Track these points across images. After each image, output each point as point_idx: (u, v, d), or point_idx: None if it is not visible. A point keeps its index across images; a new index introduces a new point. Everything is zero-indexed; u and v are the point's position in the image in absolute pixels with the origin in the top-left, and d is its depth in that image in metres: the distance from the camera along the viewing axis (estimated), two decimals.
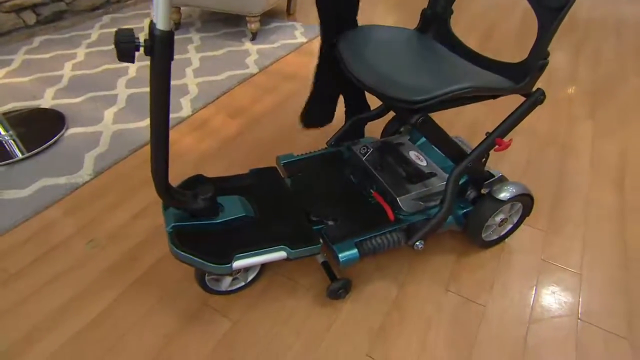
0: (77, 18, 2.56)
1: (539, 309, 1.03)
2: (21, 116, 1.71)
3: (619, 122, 1.74)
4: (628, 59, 2.28)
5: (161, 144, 0.80)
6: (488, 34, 2.49)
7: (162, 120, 0.78)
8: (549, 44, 0.86)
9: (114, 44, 0.68)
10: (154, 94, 0.76)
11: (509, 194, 1.04)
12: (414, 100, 0.80)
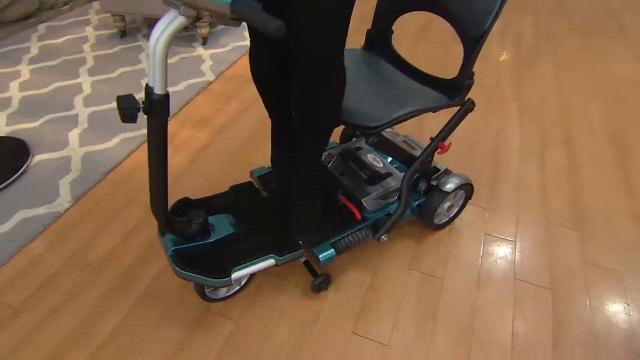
0: (8, 30, 2.47)
1: (484, 275, 1.28)
2: None
3: (533, 105, 2.03)
4: (543, 43, 2.58)
5: (161, 185, 0.93)
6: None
7: (162, 165, 0.91)
8: (473, 66, 1.06)
9: (118, 108, 0.79)
10: (153, 146, 0.88)
11: (453, 185, 1.26)
12: (370, 127, 0.99)
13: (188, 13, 0.73)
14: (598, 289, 1.24)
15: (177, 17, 0.74)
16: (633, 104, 2.04)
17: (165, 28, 0.75)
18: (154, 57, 0.77)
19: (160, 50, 0.76)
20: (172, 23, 0.74)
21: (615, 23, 2.85)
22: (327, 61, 0.92)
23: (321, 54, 0.91)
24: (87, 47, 2.42)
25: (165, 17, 0.75)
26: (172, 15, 0.75)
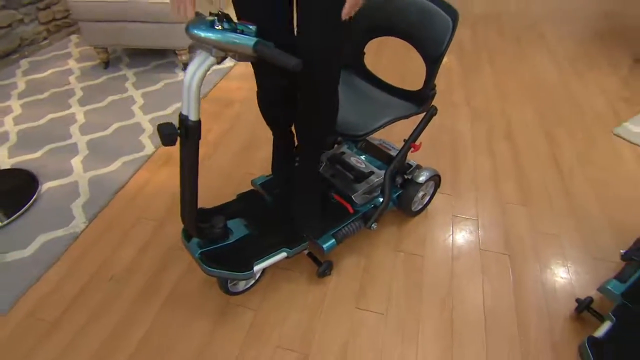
0: None
1: (456, 249, 1.47)
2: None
3: (481, 106, 2.28)
4: (481, 53, 2.87)
5: (193, 197, 1.04)
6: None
7: (194, 180, 1.02)
8: (434, 80, 1.25)
9: (160, 135, 0.90)
10: (186, 164, 0.99)
11: (425, 177, 1.45)
12: (358, 135, 1.15)
13: (218, 54, 0.86)
14: (544, 250, 1.46)
15: (208, 57, 0.87)
16: (556, 102, 2.33)
17: (198, 67, 0.88)
18: (189, 91, 0.89)
19: (195, 86, 0.88)
20: (205, 63, 0.87)
21: (538, 34, 3.19)
22: (328, 91, 1.10)
23: (323, 87, 1.08)
24: (73, 79, 2.45)
25: (198, 58, 0.88)
26: (204, 56, 0.88)
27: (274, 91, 1.23)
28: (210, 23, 0.83)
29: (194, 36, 0.84)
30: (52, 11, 2.78)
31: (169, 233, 1.54)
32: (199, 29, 0.83)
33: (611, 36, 3.08)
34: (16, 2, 2.51)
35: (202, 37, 0.83)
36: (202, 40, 0.84)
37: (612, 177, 1.78)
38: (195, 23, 0.84)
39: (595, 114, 2.20)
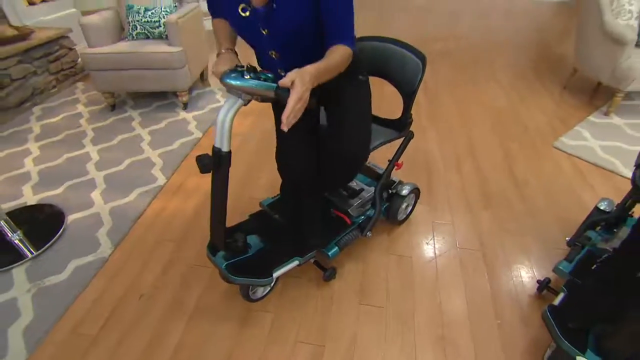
0: (8, 115, 2.51)
1: (438, 249, 1.63)
2: (18, 216, 1.76)
3: (446, 129, 2.52)
4: (441, 84, 3.15)
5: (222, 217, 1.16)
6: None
7: (224, 203, 1.14)
8: (410, 110, 1.44)
9: (198, 164, 1.03)
10: (218, 189, 1.12)
11: (407, 190, 1.62)
12: None
13: (246, 98, 1.02)
14: (509, 245, 1.65)
15: (238, 100, 1.02)
16: (507, 122, 2.59)
17: (230, 108, 1.03)
18: (222, 127, 1.03)
19: (227, 124, 1.03)
20: (235, 105, 1.02)
21: (486, 66, 3.53)
22: (355, 173, 1.31)
23: (352, 173, 1.30)
24: (83, 122, 2.53)
25: (229, 101, 1.03)
26: (234, 99, 1.03)
27: (294, 153, 1.28)
28: (240, 73, 0.99)
29: (228, 85, 0.99)
30: (60, 62, 2.88)
31: (187, 253, 1.63)
32: (232, 78, 0.99)
33: (543, 67, 3.45)
34: (30, 56, 2.60)
35: (234, 85, 0.99)
36: (234, 87, 0.99)
37: (555, 182, 2.01)
38: (228, 74, 0.99)
39: (537, 131, 2.47)
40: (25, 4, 2.89)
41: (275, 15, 1.00)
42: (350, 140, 1.21)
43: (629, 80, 2.42)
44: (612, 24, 2.43)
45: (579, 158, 2.21)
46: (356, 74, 1.22)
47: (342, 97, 1.22)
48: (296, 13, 0.99)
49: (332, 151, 1.22)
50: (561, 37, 4.22)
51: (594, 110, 2.69)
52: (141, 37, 2.55)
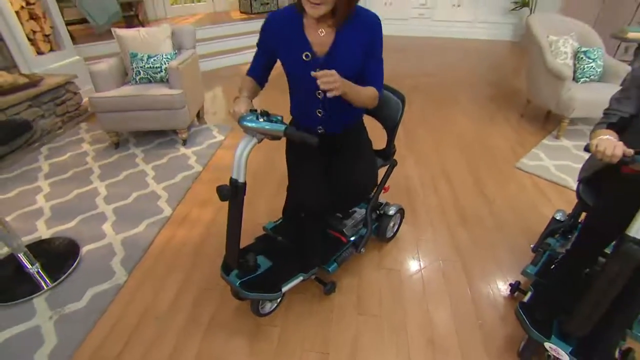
0: (16, 155, 2.55)
1: (423, 260, 1.77)
2: (35, 249, 1.78)
3: (423, 156, 2.73)
4: (416, 116, 3.40)
5: (237, 240, 1.27)
6: None
7: (239, 227, 1.26)
8: (393, 142, 1.61)
9: (219, 194, 1.15)
10: (233, 216, 1.23)
11: (394, 211, 1.77)
12: None
13: (260, 137, 1.16)
14: (483, 255, 1.80)
15: (253, 139, 1.16)
16: (475, 148, 2.82)
17: (246, 146, 1.16)
18: (239, 162, 1.16)
19: (244, 159, 1.16)
20: (250, 142, 1.16)
21: (454, 99, 3.82)
22: (368, 187, 1.46)
23: (367, 185, 1.44)
24: (89, 159, 2.60)
25: (245, 139, 1.17)
26: (249, 138, 1.17)
27: (311, 189, 1.37)
28: (255, 116, 1.13)
29: (245, 126, 1.13)
30: (66, 105, 2.96)
31: (197, 277, 1.70)
32: (248, 121, 1.13)
33: (501, 99, 3.76)
34: (40, 101, 2.68)
35: (250, 126, 1.13)
36: (250, 128, 1.13)
37: (519, 199, 2.21)
38: (244, 117, 1.14)
39: (501, 155, 2.70)
40: (34, 54, 2.99)
41: (332, 62, 1.19)
42: (363, 174, 1.40)
43: (570, 109, 2.71)
44: (553, 63, 2.75)
45: (538, 176, 2.43)
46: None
47: (356, 139, 1.44)
48: (348, 63, 1.20)
49: (347, 183, 1.37)
50: (515, 72, 4.61)
51: (547, 135, 2.97)
52: (144, 81, 2.68)
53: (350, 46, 1.20)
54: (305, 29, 1.20)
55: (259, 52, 1.32)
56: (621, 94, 1.27)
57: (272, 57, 1.31)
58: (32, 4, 3.04)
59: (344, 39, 1.19)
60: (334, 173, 1.39)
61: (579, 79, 2.91)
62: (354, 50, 1.20)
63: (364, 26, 1.20)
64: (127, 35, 2.69)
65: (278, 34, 1.23)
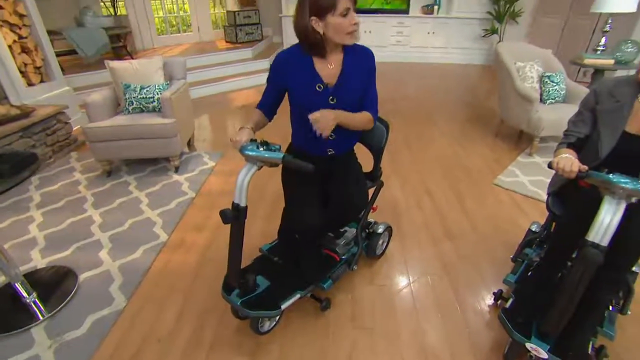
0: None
1: (411, 276, 1.87)
2: (32, 278, 1.80)
3: (406, 176, 2.88)
4: (398, 138, 3.59)
5: (238, 260, 1.35)
6: None
7: (239, 249, 1.34)
8: (379, 165, 1.75)
9: (222, 217, 1.24)
10: (235, 237, 1.32)
11: (382, 229, 1.89)
12: None
13: (260, 165, 1.27)
14: (467, 266, 1.92)
15: (253, 166, 1.27)
16: (454, 167, 3.00)
17: (247, 173, 1.27)
18: (241, 187, 1.27)
19: (245, 185, 1.27)
20: (251, 170, 1.27)
21: (432, 121, 4.04)
22: (361, 206, 1.59)
23: (359, 205, 1.57)
24: (82, 188, 2.63)
25: (246, 167, 1.28)
26: (250, 165, 1.27)
27: (309, 212, 1.47)
28: (255, 145, 1.25)
29: (246, 155, 1.24)
30: (56, 135, 3.01)
31: (197, 299, 1.75)
32: (249, 150, 1.24)
33: (477, 120, 4.01)
34: (31, 131, 2.73)
35: (251, 155, 1.24)
36: (251, 157, 1.25)
37: (498, 213, 2.37)
38: (246, 147, 1.25)
39: (479, 172, 2.88)
40: (25, 86, 3.05)
41: (341, 91, 1.40)
42: (356, 194, 1.53)
43: (540, 128, 2.94)
44: (521, 87, 3.00)
45: (514, 191, 2.61)
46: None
47: (348, 163, 1.61)
48: (353, 90, 1.42)
49: (341, 203, 1.50)
50: (488, 94, 4.92)
51: (520, 152, 3.19)
52: (137, 111, 2.77)
53: (354, 76, 1.41)
54: (315, 65, 1.38)
55: (269, 88, 1.46)
56: (576, 117, 1.45)
57: (282, 92, 1.46)
58: (25, 38, 3.13)
59: (348, 71, 1.40)
60: (329, 194, 1.51)
61: (546, 101, 3.17)
62: (356, 79, 1.42)
63: (362, 59, 1.43)
64: (120, 67, 2.80)
65: (289, 71, 1.39)
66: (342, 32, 1.30)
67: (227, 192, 2.63)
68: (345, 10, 1.26)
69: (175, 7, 6.32)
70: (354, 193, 1.54)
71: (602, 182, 1.09)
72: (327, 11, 1.25)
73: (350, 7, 1.27)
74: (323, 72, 1.39)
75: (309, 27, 1.30)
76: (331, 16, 1.26)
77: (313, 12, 1.27)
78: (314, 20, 1.28)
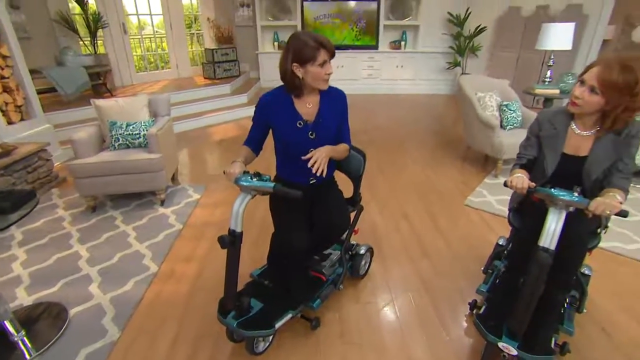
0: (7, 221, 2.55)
1: (393, 293, 2.01)
2: (20, 316, 1.80)
3: (383, 201, 3.08)
4: (373, 165, 3.82)
5: (235, 283, 1.46)
6: None
7: (235, 272, 1.45)
8: (359, 191, 1.92)
9: (220, 242, 1.36)
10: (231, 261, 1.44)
11: (364, 250, 2.04)
12: None
13: (253, 194, 1.41)
14: (443, 281, 2.09)
15: (247, 196, 1.41)
16: (427, 190, 3.23)
17: (242, 201, 1.41)
18: (237, 215, 1.40)
19: (241, 212, 1.40)
20: (246, 199, 1.41)
21: (404, 148, 4.33)
22: (344, 227, 1.74)
23: (342, 225, 1.72)
24: (66, 224, 2.65)
25: (241, 196, 1.42)
26: (244, 195, 1.41)
27: (297, 235, 1.60)
28: (250, 177, 1.40)
29: (240, 185, 1.39)
30: (37, 172, 3.03)
31: (190, 326, 1.81)
32: (243, 180, 1.39)
33: (445, 146, 4.34)
34: (12, 169, 2.75)
35: (245, 185, 1.39)
36: (245, 187, 1.39)
37: (469, 231, 2.58)
38: (239, 178, 1.39)
39: (450, 195, 3.12)
40: (5, 124, 3.09)
41: (319, 126, 1.60)
42: (339, 217, 1.70)
43: (502, 152, 3.25)
44: (483, 115, 3.33)
45: (483, 210, 2.85)
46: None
47: (330, 189, 1.78)
48: (329, 125, 1.64)
49: (326, 225, 1.66)
50: (455, 122, 5.32)
51: (487, 174, 3.48)
52: (123, 147, 2.87)
53: (329, 114, 1.63)
54: (295, 105, 1.59)
55: (254, 126, 1.64)
56: (526, 142, 1.69)
57: (266, 129, 1.64)
58: (7, 78, 3.20)
59: (324, 109, 1.61)
60: (314, 219, 1.66)
61: (506, 127, 3.51)
62: (331, 117, 1.64)
63: (336, 99, 1.66)
64: (106, 105, 2.91)
65: (272, 111, 1.59)
66: (318, 79, 1.52)
67: (213, 223, 2.72)
68: (323, 61, 1.48)
69: (154, 45, 6.54)
70: (336, 216, 1.69)
71: (547, 195, 1.31)
72: (307, 61, 1.47)
73: (327, 59, 1.50)
74: (302, 111, 1.60)
75: (290, 71, 1.50)
76: (310, 65, 1.48)
77: (296, 60, 1.48)
78: (296, 67, 1.49)
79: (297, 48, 1.47)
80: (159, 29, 6.53)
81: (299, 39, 1.48)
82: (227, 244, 1.38)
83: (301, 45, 1.47)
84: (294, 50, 1.47)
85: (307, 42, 1.46)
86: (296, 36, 1.50)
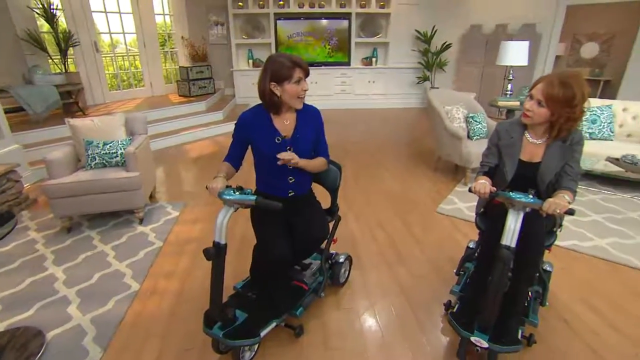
0: None
1: (373, 298, 2.10)
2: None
3: (360, 211, 3.20)
4: (348, 176, 3.95)
5: (220, 294, 1.51)
6: None
7: (221, 283, 1.50)
8: (336, 202, 2.02)
9: (205, 255, 1.42)
10: (216, 273, 1.49)
11: (343, 258, 2.13)
12: None
13: (237, 207, 1.48)
14: (420, 285, 2.20)
15: (230, 209, 1.48)
16: (401, 200, 3.38)
17: (226, 214, 1.47)
18: (221, 227, 1.46)
19: (225, 225, 1.46)
20: (229, 212, 1.48)
21: (377, 160, 4.49)
22: (324, 237, 1.83)
23: (322, 236, 1.81)
24: (40, 246, 2.60)
25: (224, 210, 1.48)
26: (227, 208, 1.48)
27: (281, 244, 1.67)
28: (232, 191, 1.47)
29: (224, 199, 1.46)
30: (6, 195, 2.95)
31: (174, 341, 1.82)
32: (226, 194, 1.46)
33: (417, 157, 4.54)
34: None
35: (228, 199, 1.46)
36: (228, 200, 1.46)
37: (442, 236, 2.73)
38: (222, 192, 1.46)
39: (423, 203, 3.28)
40: None
41: (296, 141, 1.70)
42: (318, 226, 1.80)
43: (470, 161, 3.46)
44: (451, 127, 3.54)
45: (454, 217, 3.01)
46: None
47: (308, 201, 1.88)
48: (306, 140, 1.74)
49: (306, 236, 1.75)
50: (425, 134, 5.57)
51: (457, 183, 3.67)
52: (99, 166, 2.85)
53: (306, 130, 1.73)
54: (274, 121, 1.69)
55: (234, 142, 1.73)
56: (487, 151, 1.85)
57: (246, 145, 1.73)
58: None
59: (301, 125, 1.72)
60: (294, 229, 1.74)
61: (473, 137, 3.74)
62: (308, 132, 1.75)
63: (311, 116, 1.78)
64: (82, 124, 2.91)
65: (252, 127, 1.68)
66: (294, 96, 1.63)
67: (193, 239, 2.73)
68: (298, 79, 1.60)
69: (127, 64, 6.51)
70: (316, 227, 1.79)
71: (506, 198, 1.45)
72: (284, 79, 1.58)
73: (302, 77, 1.62)
74: (280, 127, 1.70)
75: (269, 90, 1.60)
76: (287, 84, 1.59)
77: (274, 79, 1.59)
78: (274, 85, 1.60)
79: (274, 69, 1.58)
80: (132, 47, 6.52)
81: (276, 61, 1.59)
82: (213, 255, 1.44)
83: (278, 66, 1.58)
84: (271, 71, 1.58)
85: (284, 62, 1.57)
86: (273, 58, 1.61)
